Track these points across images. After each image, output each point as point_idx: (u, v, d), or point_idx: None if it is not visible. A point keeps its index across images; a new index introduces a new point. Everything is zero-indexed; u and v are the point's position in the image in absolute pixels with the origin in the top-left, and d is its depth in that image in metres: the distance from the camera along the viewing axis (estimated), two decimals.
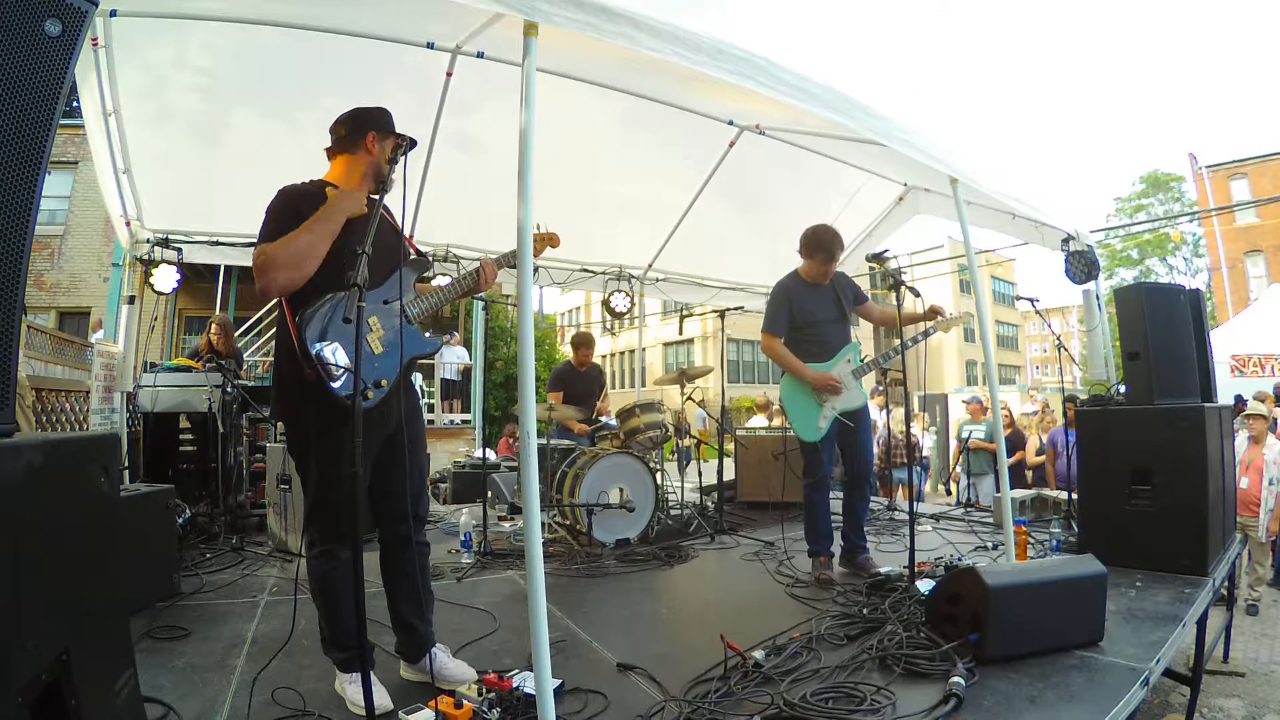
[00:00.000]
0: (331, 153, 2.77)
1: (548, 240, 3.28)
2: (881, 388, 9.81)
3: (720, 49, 3.02)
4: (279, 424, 2.84)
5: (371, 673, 2.20)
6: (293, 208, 2.52)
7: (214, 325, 6.78)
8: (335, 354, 2.41)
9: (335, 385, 2.40)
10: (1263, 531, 5.98)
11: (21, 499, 1.41)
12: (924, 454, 11.19)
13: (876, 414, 8.62)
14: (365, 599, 2.11)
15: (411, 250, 2.89)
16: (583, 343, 7.02)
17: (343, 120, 2.75)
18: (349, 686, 2.57)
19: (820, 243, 4.41)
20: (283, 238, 2.42)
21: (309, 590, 2.65)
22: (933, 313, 4.42)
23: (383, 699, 2.47)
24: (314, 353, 2.39)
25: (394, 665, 2.87)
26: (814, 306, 4.46)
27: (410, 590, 2.78)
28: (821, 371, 4.33)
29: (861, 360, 4.46)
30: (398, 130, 2.72)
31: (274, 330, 15.06)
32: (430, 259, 3.11)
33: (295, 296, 2.47)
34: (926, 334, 4.49)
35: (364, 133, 2.70)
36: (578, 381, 6.78)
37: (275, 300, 2.56)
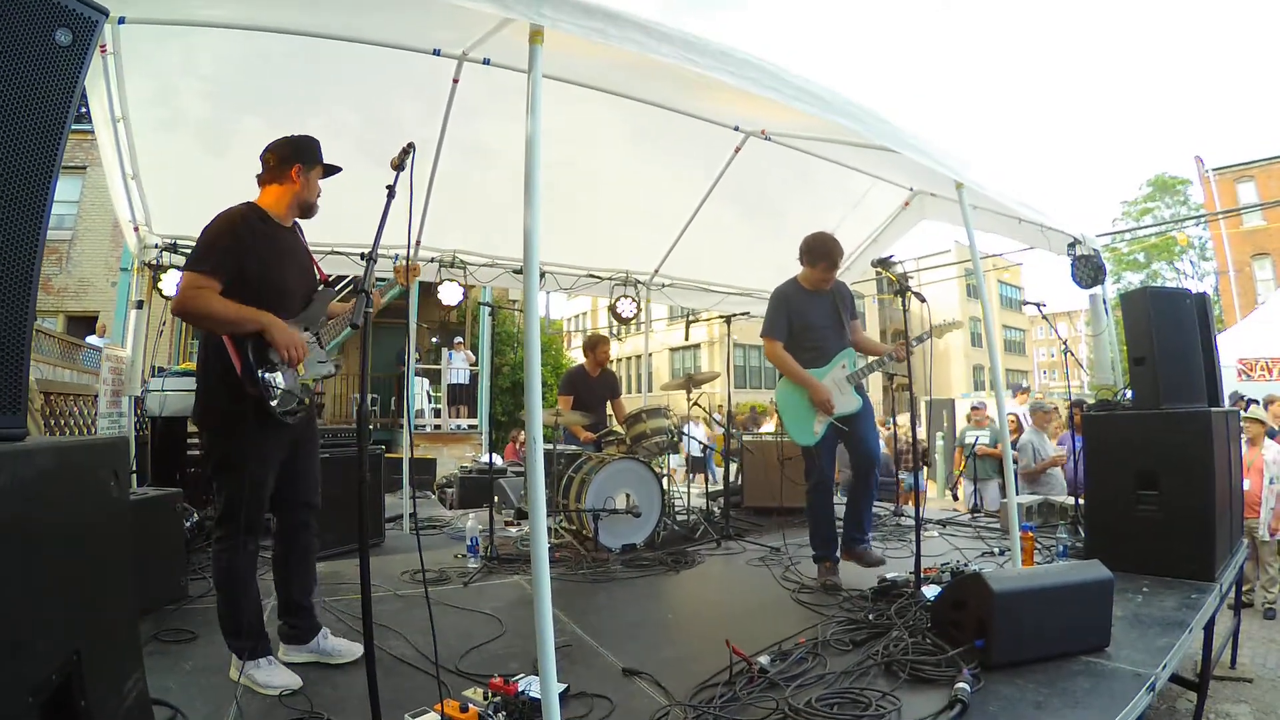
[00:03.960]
0: (261, 180, 2.95)
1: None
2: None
3: (726, 53, 3.02)
4: (203, 438, 3.08)
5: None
6: (232, 234, 2.73)
7: None
8: (276, 379, 2.74)
9: (274, 404, 2.72)
10: (1264, 530, 6.00)
11: (33, 502, 1.42)
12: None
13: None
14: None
15: (321, 279, 3.18)
16: (596, 344, 6.93)
17: (272, 148, 2.93)
18: (258, 671, 2.70)
19: (824, 250, 4.40)
20: (223, 304, 2.65)
21: (213, 583, 2.85)
22: (901, 348, 4.22)
23: (293, 679, 2.73)
24: (260, 376, 2.69)
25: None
26: (812, 313, 4.46)
27: (305, 573, 3.06)
28: (815, 378, 4.31)
29: (856, 366, 4.44)
30: (408, 136, 2.75)
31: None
32: (336, 287, 3.37)
33: None
34: (920, 339, 4.39)
35: (290, 164, 2.90)
36: (589, 387, 6.73)
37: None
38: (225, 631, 2.79)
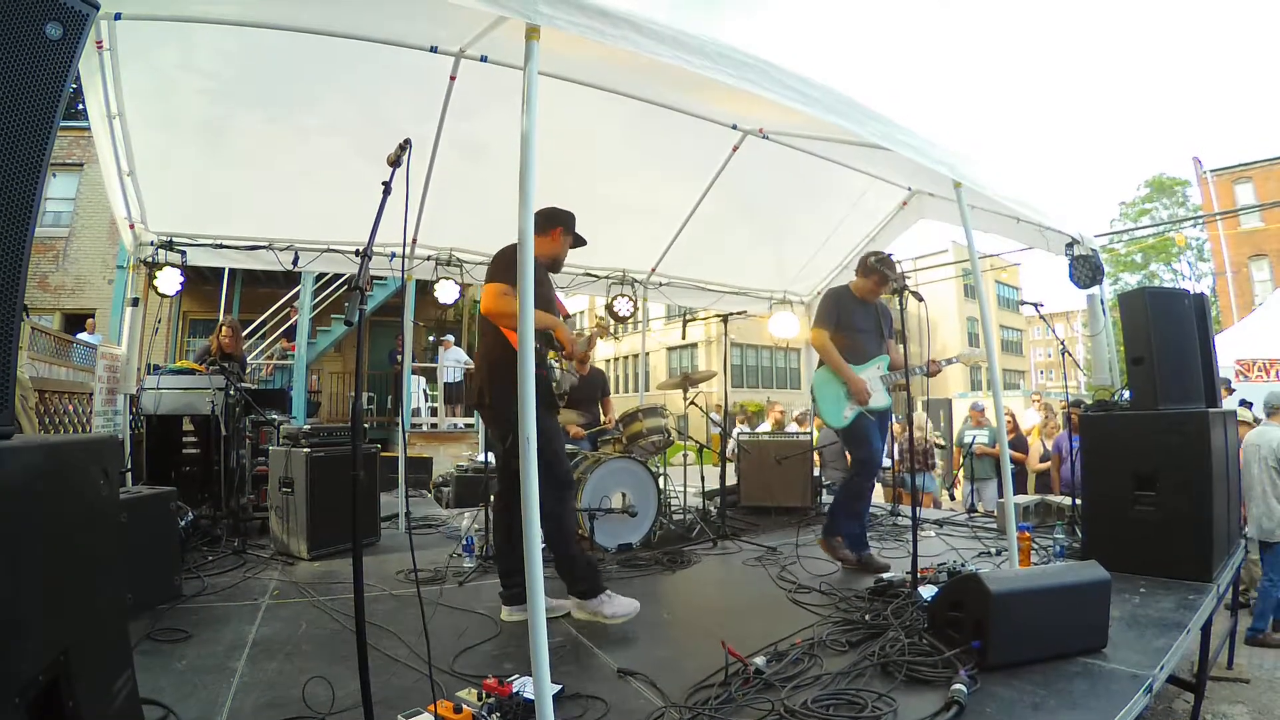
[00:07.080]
0: None
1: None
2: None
3: (721, 52, 3.01)
4: (496, 415, 3.67)
5: None
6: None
7: (224, 328, 6.78)
8: (554, 369, 3.68)
9: (554, 384, 3.66)
10: (1252, 528, 6.01)
11: (21, 500, 1.41)
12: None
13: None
14: None
15: (563, 314, 4.03)
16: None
17: (540, 212, 3.59)
18: (604, 605, 3.52)
19: (876, 268, 4.72)
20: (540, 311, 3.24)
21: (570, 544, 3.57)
22: (934, 364, 4.72)
23: (634, 603, 3.57)
24: (548, 363, 3.60)
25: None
26: (858, 317, 4.83)
27: (547, 534, 3.61)
28: (856, 372, 4.67)
29: (888, 370, 4.80)
30: (405, 132, 2.76)
31: (288, 334, 15.04)
32: None
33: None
34: (950, 362, 4.67)
35: (552, 227, 3.78)
36: (579, 386, 6.75)
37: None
38: (573, 578, 3.55)
